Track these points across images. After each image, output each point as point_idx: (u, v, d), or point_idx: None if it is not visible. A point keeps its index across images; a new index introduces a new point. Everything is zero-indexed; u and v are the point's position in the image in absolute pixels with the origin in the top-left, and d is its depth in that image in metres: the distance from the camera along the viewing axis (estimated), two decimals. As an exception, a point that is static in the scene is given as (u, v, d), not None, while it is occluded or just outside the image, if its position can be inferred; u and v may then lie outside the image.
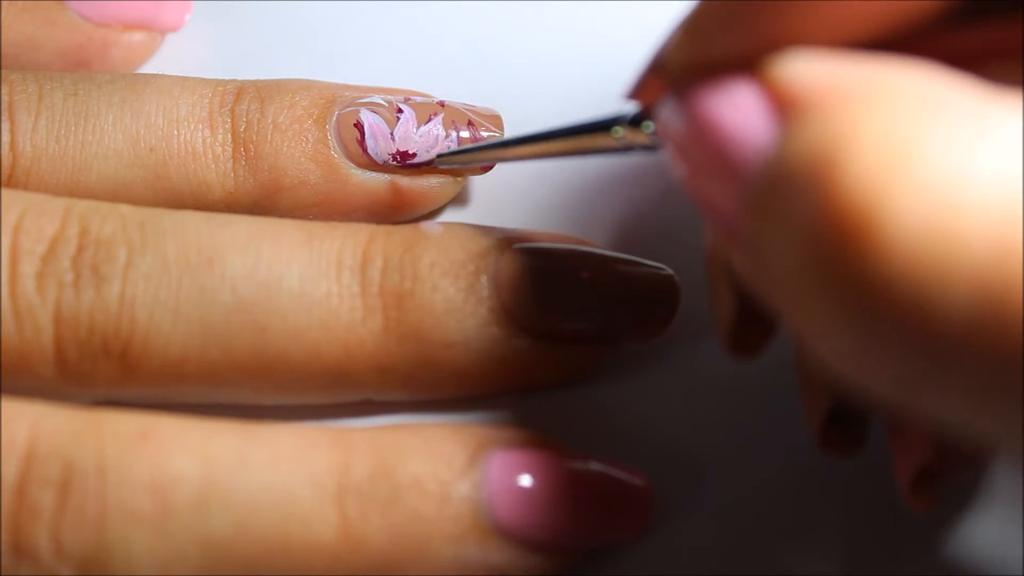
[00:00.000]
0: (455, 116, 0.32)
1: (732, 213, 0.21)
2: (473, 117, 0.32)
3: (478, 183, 0.34)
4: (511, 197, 0.34)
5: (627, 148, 0.27)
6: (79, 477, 0.25)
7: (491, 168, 0.33)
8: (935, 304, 0.18)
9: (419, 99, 0.33)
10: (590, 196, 0.34)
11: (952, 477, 0.26)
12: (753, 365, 0.31)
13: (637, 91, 0.26)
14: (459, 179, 0.33)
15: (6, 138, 0.30)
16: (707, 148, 0.21)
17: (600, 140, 0.27)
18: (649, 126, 0.26)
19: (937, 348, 0.18)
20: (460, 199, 0.34)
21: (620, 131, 0.27)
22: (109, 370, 0.28)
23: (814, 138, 0.19)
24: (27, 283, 0.28)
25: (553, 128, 0.29)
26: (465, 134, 0.32)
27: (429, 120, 0.32)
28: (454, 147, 0.32)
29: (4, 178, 0.30)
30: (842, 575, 0.28)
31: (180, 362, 0.28)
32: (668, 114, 0.23)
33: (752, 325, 0.26)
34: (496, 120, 0.33)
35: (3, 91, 0.31)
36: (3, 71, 0.32)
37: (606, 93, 0.34)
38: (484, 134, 0.32)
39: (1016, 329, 0.18)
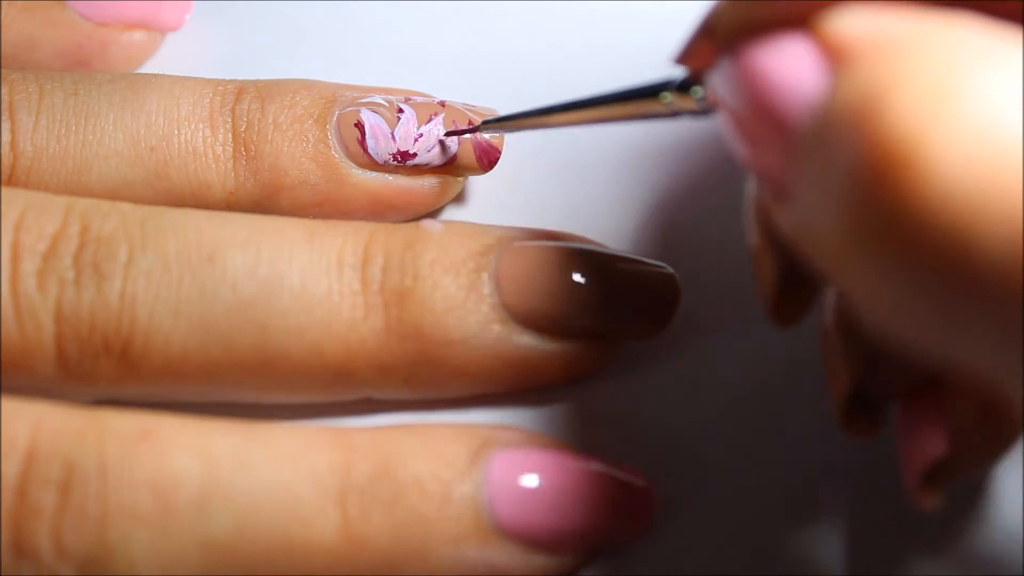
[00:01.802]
0: (455, 116, 0.32)
1: (781, 169, 0.22)
2: (473, 117, 0.33)
3: (478, 183, 0.34)
4: (511, 196, 0.34)
5: (675, 114, 0.26)
6: (80, 477, 0.25)
7: (493, 167, 0.33)
8: (975, 243, 0.18)
9: (420, 99, 0.33)
10: (590, 195, 0.34)
11: (964, 473, 0.26)
12: (754, 365, 0.31)
13: (686, 55, 0.26)
14: (459, 179, 0.33)
15: (7, 138, 0.30)
16: (759, 103, 0.22)
17: (648, 106, 0.27)
18: (698, 91, 0.25)
19: (977, 288, 0.19)
20: (460, 198, 0.34)
21: (669, 97, 0.26)
22: (110, 368, 0.28)
23: (861, 84, 0.20)
24: (28, 281, 0.28)
25: (600, 94, 0.28)
26: (462, 128, 0.32)
27: (430, 120, 0.32)
28: (454, 148, 0.32)
29: (5, 177, 0.30)
30: (844, 575, 0.28)
31: (181, 360, 0.28)
32: (719, 76, 0.23)
33: (792, 294, 0.26)
34: (496, 120, 0.33)
35: (3, 91, 0.31)
36: (3, 71, 0.32)
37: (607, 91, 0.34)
38: (485, 135, 0.32)
39: None
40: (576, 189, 0.34)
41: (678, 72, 0.26)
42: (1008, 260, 0.18)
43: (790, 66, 0.21)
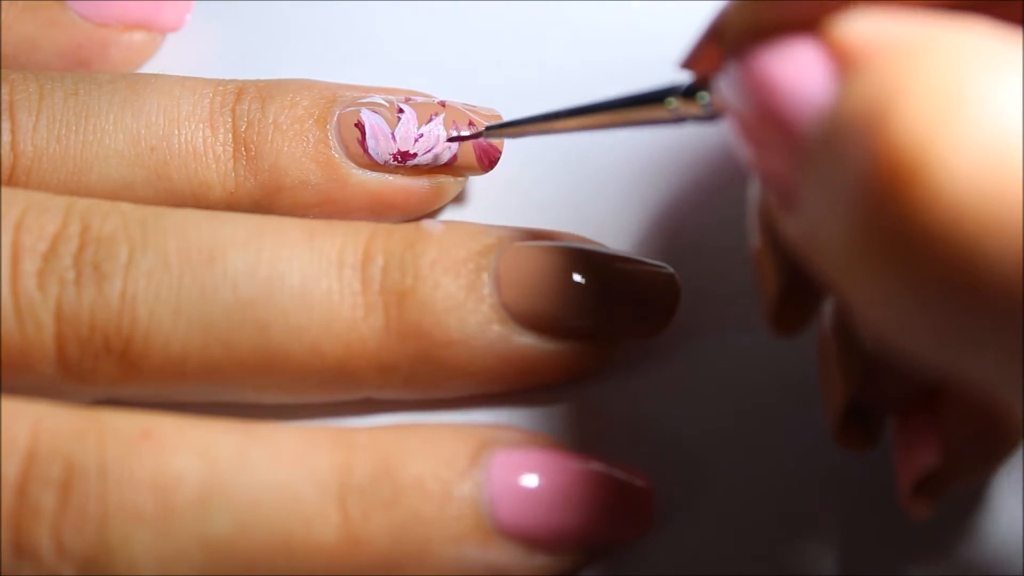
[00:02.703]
0: (456, 116, 0.32)
1: (787, 175, 0.21)
2: (474, 117, 0.33)
3: (478, 183, 0.34)
4: (511, 196, 0.34)
5: (680, 119, 0.26)
6: (80, 477, 0.25)
7: (493, 167, 0.33)
8: (982, 255, 0.18)
9: (420, 99, 0.33)
10: (591, 194, 0.34)
11: (957, 483, 0.26)
12: (755, 365, 0.31)
13: (692, 60, 0.26)
14: (460, 179, 0.33)
15: (7, 138, 0.30)
16: (766, 109, 0.21)
17: (652, 112, 0.27)
18: (704, 96, 0.25)
19: (982, 301, 0.18)
20: (460, 198, 0.34)
21: (673, 102, 0.26)
22: (110, 368, 0.28)
23: (869, 90, 0.19)
24: (28, 281, 0.28)
25: (604, 99, 0.28)
26: (466, 134, 0.32)
27: (430, 120, 0.32)
28: (454, 148, 0.32)
29: (5, 177, 0.30)
30: (844, 574, 0.28)
31: (181, 360, 0.28)
32: (727, 80, 0.23)
33: (795, 303, 0.26)
34: (497, 120, 0.33)
35: (4, 91, 0.31)
36: (4, 71, 0.32)
37: (608, 92, 0.34)
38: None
39: None
40: (576, 189, 0.34)
41: (683, 77, 0.26)
42: (1015, 274, 0.18)
43: (798, 71, 0.21)
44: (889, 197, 0.19)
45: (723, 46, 0.23)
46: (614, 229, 0.33)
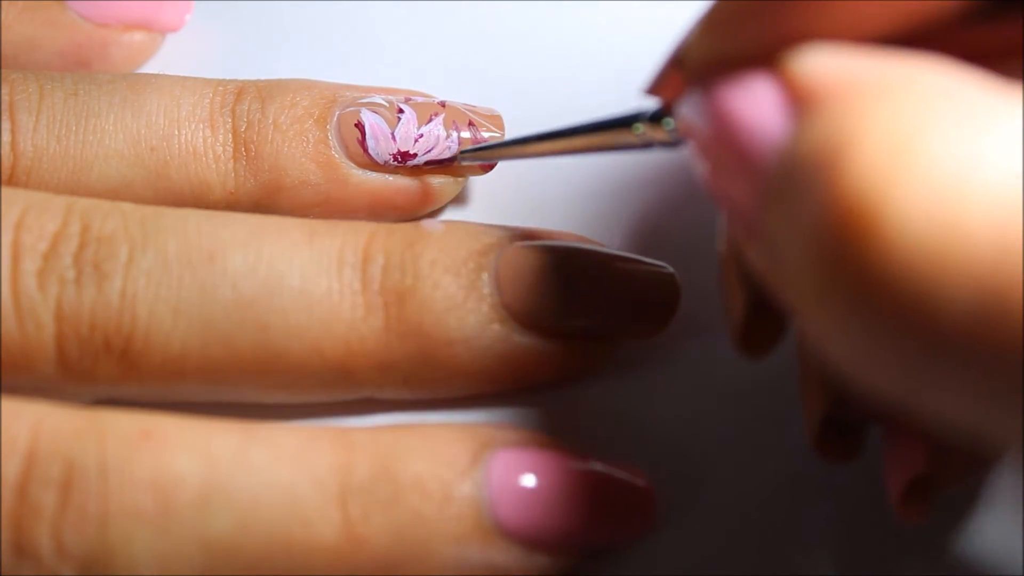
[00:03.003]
0: (456, 116, 0.32)
1: (749, 207, 0.21)
2: (474, 117, 0.33)
3: (479, 183, 0.34)
4: (511, 196, 0.34)
5: (647, 145, 0.27)
6: (81, 477, 0.25)
7: (492, 167, 0.33)
8: (937, 299, 0.18)
9: (420, 99, 0.33)
10: (591, 194, 0.34)
11: (944, 489, 0.26)
12: (755, 365, 0.31)
13: (656, 86, 0.26)
14: (460, 179, 0.33)
15: (7, 138, 0.30)
16: (726, 142, 0.21)
17: (621, 137, 0.27)
18: (669, 123, 0.26)
19: (939, 344, 0.18)
20: (460, 198, 0.34)
21: (641, 128, 0.26)
22: (110, 367, 0.28)
23: (823, 132, 0.19)
24: (29, 280, 0.28)
25: (573, 125, 0.28)
26: (466, 134, 0.32)
27: (430, 120, 0.32)
28: (455, 148, 0.32)
29: (5, 177, 0.30)
30: (844, 574, 0.28)
31: (181, 359, 0.28)
32: (688, 110, 0.23)
33: (762, 325, 0.26)
34: (497, 120, 0.33)
35: (4, 91, 0.31)
36: (4, 71, 0.32)
37: (607, 92, 0.34)
38: (485, 134, 0.32)
39: (1018, 326, 0.18)
40: (576, 189, 0.34)
41: (650, 103, 0.26)
42: (971, 318, 0.18)
43: (756, 108, 0.21)
44: (844, 241, 0.19)
45: (684, 74, 0.23)
46: (614, 229, 0.33)
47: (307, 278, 0.28)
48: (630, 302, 0.30)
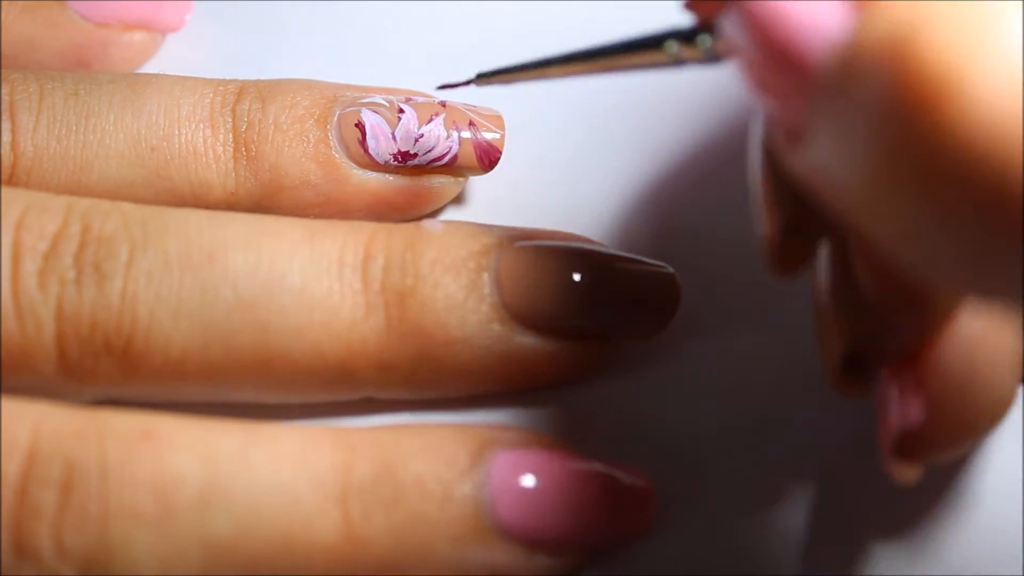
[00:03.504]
0: (456, 116, 0.32)
1: (798, 111, 0.21)
2: (474, 117, 0.32)
3: (478, 183, 0.34)
4: (512, 196, 0.34)
5: (679, 63, 0.25)
6: (81, 477, 0.25)
7: (493, 167, 0.33)
8: (1011, 177, 0.18)
9: (420, 99, 0.33)
10: (590, 195, 0.34)
11: (938, 449, 0.26)
12: (755, 365, 0.31)
13: (695, 1, 0.25)
14: (460, 178, 0.33)
15: (7, 138, 0.30)
16: (776, 46, 0.21)
17: (651, 56, 0.26)
18: (705, 40, 0.25)
19: (1011, 224, 0.18)
20: (461, 198, 0.34)
21: (674, 46, 0.25)
22: (110, 368, 0.28)
23: (890, 21, 0.19)
24: (29, 280, 0.27)
25: (601, 44, 0.27)
26: (466, 134, 0.32)
27: (431, 120, 0.32)
28: (455, 148, 0.32)
29: (5, 177, 0.30)
30: (843, 574, 0.28)
31: (181, 360, 0.28)
32: (733, 20, 0.22)
33: (795, 244, 0.26)
34: (497, 120, 0.33)
35: (4, 91, 0.31)
36: (4, 71, 0.32)
37: (608, 92, 0.34)
38: (486, 135, 0.32)
39: None
40: (576, 189, 0.34)
41: (682, 21, 0.26)
42: None
43: (811, 8, 0.21)
44: (915, 122, 0.18)
45: None
46: (614, 229, 0.33)
47: (308, 278, 0.28)
48: (630, 302, 0.30)
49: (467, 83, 0.32)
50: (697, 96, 0.35)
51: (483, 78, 0.31)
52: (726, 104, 0.35)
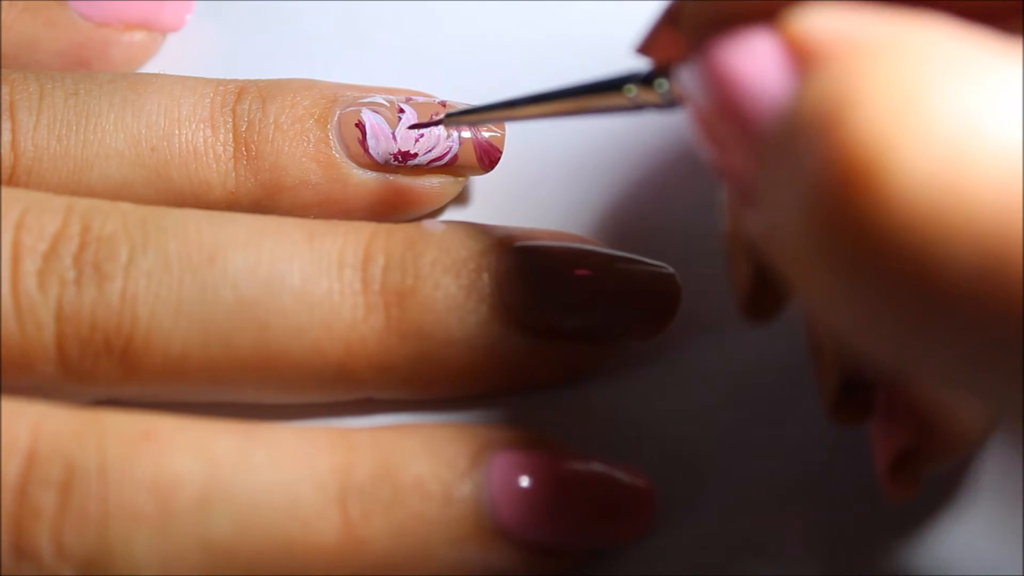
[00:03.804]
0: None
1: (747, 171, 0.21)
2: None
3: (479, 183, 0.34)
4: (512, 196, 0.34)
5: (638, 107, 0.26)
6: (80, 477, 0.25)
7: (494, 167, 0.33)
8: (938, 258, 0.18)
9: (421, 99, 0.33)
10: (591, 195, 0.34)
11: (933, 465, 0.26)
12: (755, 364, 0.31)
13: (648, 45, 0.26)
14: (460, 179, 0.33)
15: (7, 137, 0.30)
16: (725, 103, 0.21)
17: (611, 99, 0.26)
18: (662, 84, 0.25)
19: (938, 305, 0.18)
20: (461, 198, 0.34)
21: (633, 89, 0.26)
22: (110, 368, 0.28)
23: (827, 88, 0.19)
24: (29, 280, 0.28)
25: (564, 87, 0.28)
26: (467, 134, 0.32)
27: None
28: (455, 148, 0.32)
29: (5, 177, 0.30)
30: (843, 574, 0.28)
31: (181, 360, 0.28)
32: (685, 71, 0.22)
33: (767, 293, 0.26)
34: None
35: (4, 90, 0.31)
36: (4, 71, 0.32)
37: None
38: (486, 134, 0.32)
39: (1018, 289, 0.18)
40: (576, 189, 0.34)
41: (641, 65, 0.26)
42: (970, 279, 0.18)
43: (757, 67, 0.21)
44: (846, 197, 0.18)
45: (680, 33, 0.23)
46: (614, 229, 0.33)
47: (308, 278, 0.28)
48: (630, 303, 0.30)
49: (437, 123, 0.32)
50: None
51: (452, 117, 0.31)
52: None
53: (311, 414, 0.30)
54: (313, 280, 0.29)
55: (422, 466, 0.27)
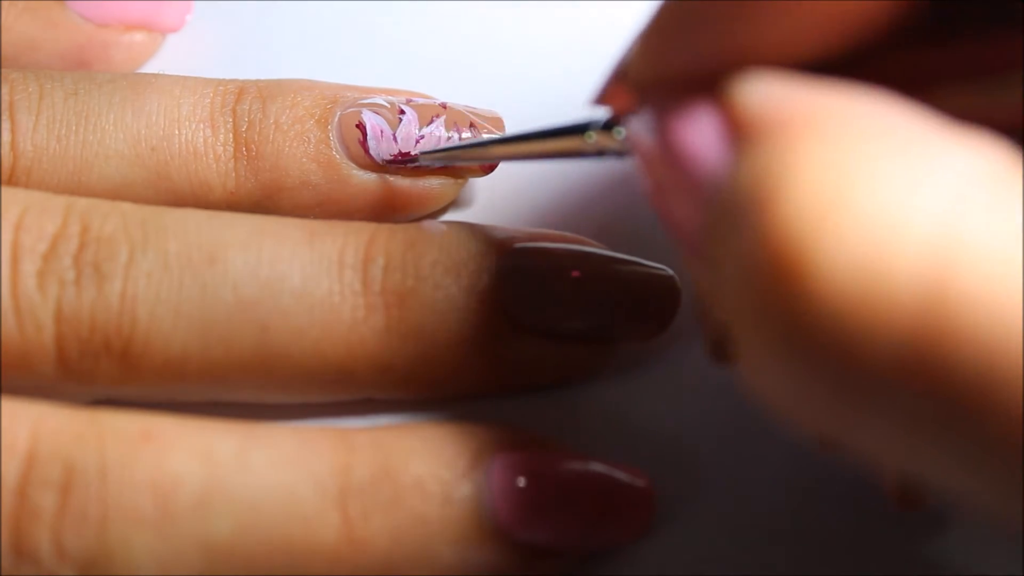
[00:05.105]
0: (457, 118, 0.32)
1: (692, 229, 0.22)
2: (475, 119, 0.32)
3: (480, 184, 0.34)
4: (513, 197, 0.34)
5: (599, 153, 0.27)
6: (80, 478, 0.25)
7: (494, 168, 0.33)
8: (861, 345, 0.18)
9: (421, 100, 0.33)
10: (591, 196, 0.34)
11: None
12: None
13: (602, 97, 0.26)
14: (460, 180, 0.33)
15: (7, 137, 0.30)
16: (670, 165, 0.22)
17: (573, 143, 0.27)
18: (620, 132, 0.26)
19: (863, 387, 0.19)
20: (462, 199, 0.34)
21: (593, 136, 0.27)
22: (110, 368, 0.28)
23: (759, 168, 0.19)
24: (28, 281, 0.28)
25: (528, 131, 0.29)
26: (467, 135, 0.32)
27: (431, 122, 0.32)
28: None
29: (5, 177, 0.30)
30: (843, 573, 0.28)
31: (181, 360, 0.28)
32: (635, 126, 0.23)
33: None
34: (498, 122, 0.33)
35: (4, 90, 0.31)
36: (4, 71, 0.32)
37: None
38: (486, 136, 0.32)
39: (939, 375, 0.18)
40: (576, 190, 0.34)
41: (603, 112, 0.27)
42: (894, 365, 0.18)
43: (699, 136, 0.21)
44: (776, 279, 0.19)
45: (629, 88, 0.23)
46: (613, 231, 0.33)
47: (308, 279, 0.28)
48: (630, 304, 0.30)
49: (413, 161, 0.32)
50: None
51: (427, 155, 0.32)
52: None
53: (311, 414, 0.30)
54: (313, 281, 0.29)
55: (422, 466, 0.27)
